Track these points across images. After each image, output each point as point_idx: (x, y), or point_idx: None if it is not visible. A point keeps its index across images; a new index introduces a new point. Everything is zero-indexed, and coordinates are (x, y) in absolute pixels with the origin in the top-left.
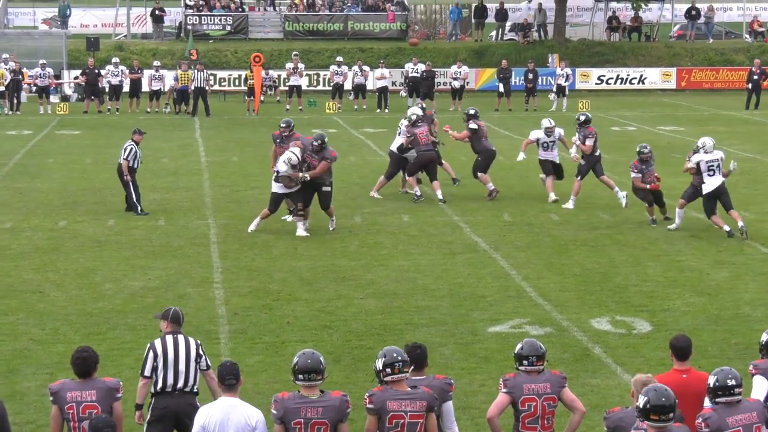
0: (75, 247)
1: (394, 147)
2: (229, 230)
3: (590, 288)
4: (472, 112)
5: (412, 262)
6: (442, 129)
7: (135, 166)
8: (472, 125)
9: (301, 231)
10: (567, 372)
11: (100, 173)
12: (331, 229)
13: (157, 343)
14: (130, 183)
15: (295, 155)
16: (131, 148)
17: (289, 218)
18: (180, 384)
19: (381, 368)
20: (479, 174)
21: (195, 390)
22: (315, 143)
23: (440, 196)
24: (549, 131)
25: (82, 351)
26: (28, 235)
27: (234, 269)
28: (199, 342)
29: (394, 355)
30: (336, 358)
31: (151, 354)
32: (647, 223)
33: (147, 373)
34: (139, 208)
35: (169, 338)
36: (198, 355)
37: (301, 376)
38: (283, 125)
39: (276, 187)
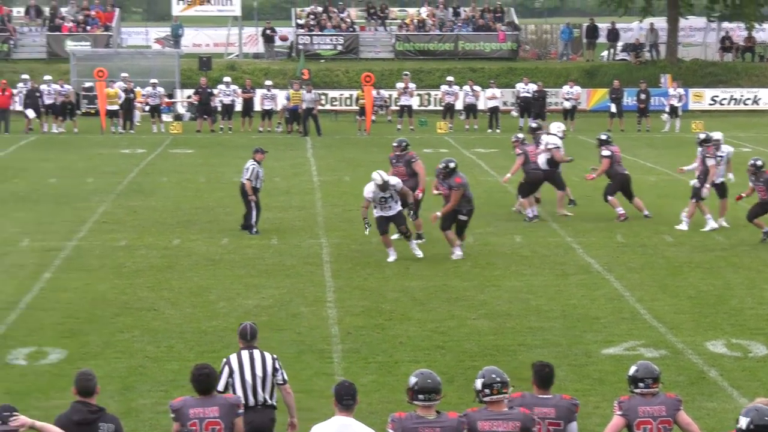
0: (189, 266)
1: (543, 164)
2: (342, 249)
3: (705, 310)
4: (604, 137)
5: (524, 282)
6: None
7: (257, 185)
8: (605, 152)
9: (417, 250)
10: (682, 395)
11: (213, 192)
12: (453, 256)
13: (233, 358)
14: (253, 203)
15: (379, 176)
16: (253, 168)
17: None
18: (259, 399)
19: (480, 388)
20: (609, 197)
21: (274, 404)
22: (441, 168)
23: (533, 213)
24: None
25: (204, 368)
26: (142, 253)
27: (347, 289)
28: (275, 356)
29: (493, 375)
30: (449, 379)
31: (226, 369)
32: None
33: (220, 388)
34: (254, 229)
35: (245, 353)
36: (275, 369)
37: (420, 396)
38: (395, 144)
39: (376, 211)
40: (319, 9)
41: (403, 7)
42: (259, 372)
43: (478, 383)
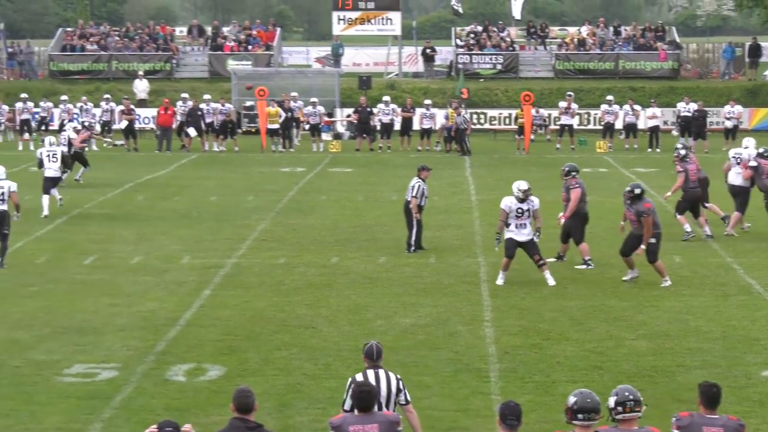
0: (347, 284)
1: (734, 181)
2: (497, 268)
3: None
4: (683, 152)
5: (683, 303)
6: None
7: (422, 203)
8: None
9: (550, 278)
10: None
11: (371, 210)
12: (663, 285)
13: (359, 377)
14: (416, 221)
15: (518, 187)
16: (418, 185)
17: (582, 267)
18: None
19: (613, 406)
20: (678, 216)
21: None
22: (627, 192)
23: (708, 232)
24: None
25: (365, 385)
26: (301, 271)
27: (504, 308)
28: (399, 377)
29: (626, 393)
30: (607, 399)
31: (352, 388)
32: None
33: (347, 407)
34: (412, 248)
35: (371, 373)
36: (398, 390)
37: (579, 416)
38: (566, 169)
39: (509, 232)
40: (479, 28)
41: (564, 26)
42: (383, 392)
43: (612, 401)
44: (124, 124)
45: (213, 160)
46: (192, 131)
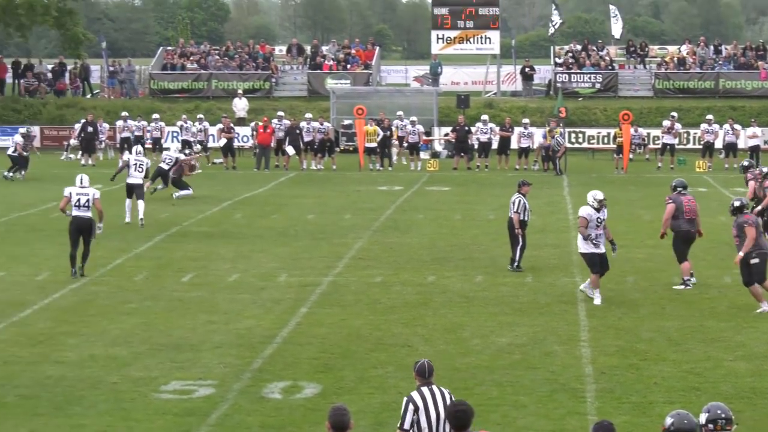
0: (443, 303)
1: None
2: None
3: None
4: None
5: None
6: None
7: (525, 218)
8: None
9: (596, 299)
10: None
11: (468, 229)
12: (759, 311)
13: (415, 395)
14: (521, 237)
15: (594, 197)
16: (519, 200)
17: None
18: None
19: (704, 423)
20: None
21: None
22: (730, 206)
23: None
24: None
25: (461, 404)
26: (397, 290)
27: (601, 328)
28: (449, 391)
29: (718, 411)
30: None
31: (411, 407)
32: None
33: (407, 426)
34: (516, 264)
35: (426, 390)
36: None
37: None
38: (672, 184)
39: (588, 245)
40: (578, 47)
41: (663, 44)
42: (441, 408)
43: (703, 418)
44: (223, 142)
45: (311, 178)
46: (290, 150)
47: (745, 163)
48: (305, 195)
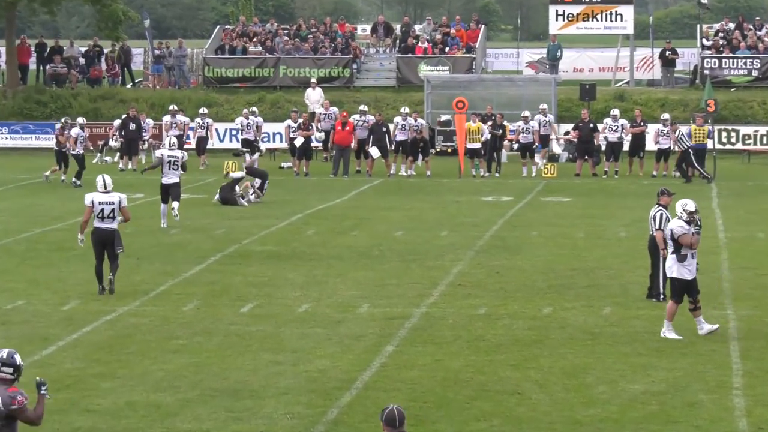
0: (562, 340)
1: None
2: (753, 323)
3: None
4: None
5: None
6: None
7: None
8: None
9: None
10: None
11: (593, 250)
12: None
13: None
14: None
15: None
16: (661, 214)
17: None
18: None
19: None
20: None
21: None
22: None
23: None
24: None
25: None
26: (505, 324)
27: (758, 372)
28: None
29: None
30: None
31: None
32: None
33: None
34: (659, 293)
35: None
36: None
37: None
38: None
39: None
40: (731, 25)
41: None
42: None
43: None
44: (299, 141)
45: (399, 186)
46: (375, 152)
47: None
48: (393, 207)
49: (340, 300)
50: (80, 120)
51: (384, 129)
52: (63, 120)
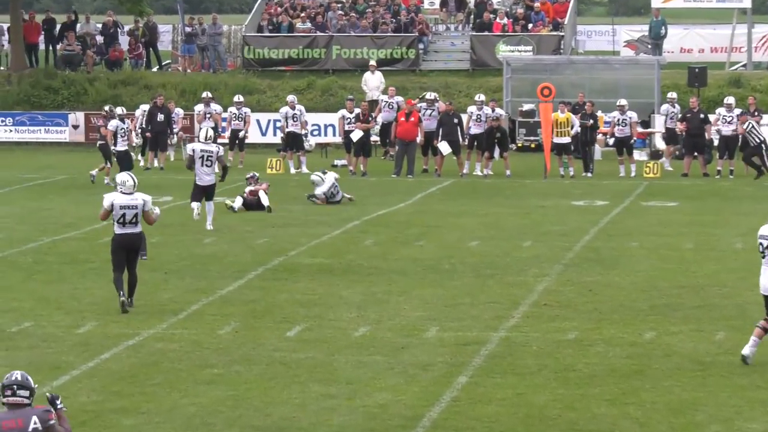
0: (667, 371)
1: None
2: None
3: None
4: None
5: None
6: None
7: None
8: None
9: None
10: None
11: (704, 264)
12: None
13: None
14: None
15: None
16: None
17: None
18: None
19: None
20: None
21: None
22: None
23: None
24: None
25: None
26: (599, 351)
27: None
28: None
29: None
30: None
31: None
32: None
33: None
34: None
35: None
36: None
37: None
38: None
39: None
40: None
41: None
42: None
43: None
44: (357, 135)
45: (474, 187)
46: (444, 147)
47: None
48: (466, 212)
49: (403, 322)
50: (119, 110)
51: (455, 120)
52: (107, 108)
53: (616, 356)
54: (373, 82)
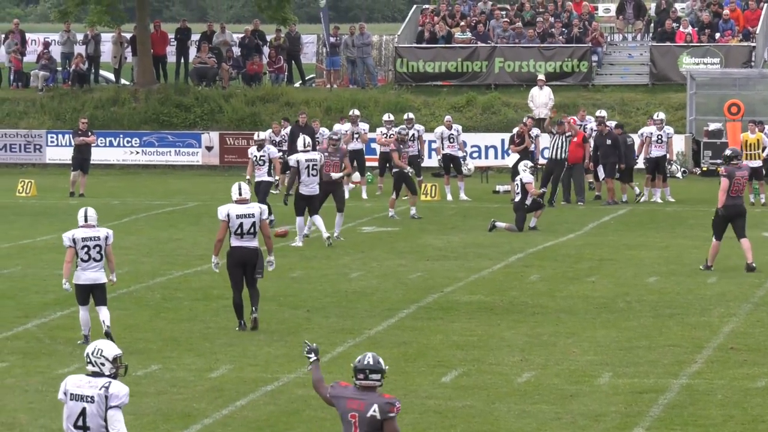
0: None
1: None
2: None
3: None
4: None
5: None
6: None
7: None
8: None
9: None
10: None
11: None
12: None
13: None
14: None
15: None
16: None
17: None
18: None
19: None
20: None
21: None
22: None
23: None
24: None
25: None
26: None
27: None
28: None
29: None
30: None
31: None
32: None
33: None
34: None
35: None
36: None
37: None
38: None
39: None
40: None
41: None
42: None
43: None
44: (512, 159)
45: (653, 216)
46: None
47: None
48: (644, 244)
49: (572, 367)
50: (265, 135)
51: (629, 141)
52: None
53: None
54: (541, 98)
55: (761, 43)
